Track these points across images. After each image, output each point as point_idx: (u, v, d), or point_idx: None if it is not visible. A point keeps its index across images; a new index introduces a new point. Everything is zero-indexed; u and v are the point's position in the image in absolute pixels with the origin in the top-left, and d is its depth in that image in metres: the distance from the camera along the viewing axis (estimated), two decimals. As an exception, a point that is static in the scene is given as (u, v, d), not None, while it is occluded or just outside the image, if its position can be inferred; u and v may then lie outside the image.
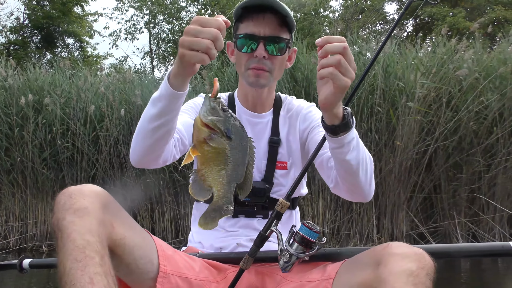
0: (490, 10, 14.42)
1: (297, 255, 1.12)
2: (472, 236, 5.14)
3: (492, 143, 5.04)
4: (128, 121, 6.33)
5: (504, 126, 4.93)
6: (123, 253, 1.12)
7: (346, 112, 1.13)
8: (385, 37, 1.26)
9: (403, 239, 5.11)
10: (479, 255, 1.29)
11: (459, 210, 5.18)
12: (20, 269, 1.66)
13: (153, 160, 1.29)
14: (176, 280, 1.23)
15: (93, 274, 0.93)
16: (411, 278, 0.94)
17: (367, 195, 1.28)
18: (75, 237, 0.97)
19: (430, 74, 4.93)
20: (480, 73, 5.13)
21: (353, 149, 1.16)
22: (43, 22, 15.29)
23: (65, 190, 1.07)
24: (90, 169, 6.34)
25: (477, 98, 4.97)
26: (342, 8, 17.55)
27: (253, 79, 1.44)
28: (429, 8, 12.85)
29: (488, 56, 5.65)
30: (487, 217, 5.05)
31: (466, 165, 5.15)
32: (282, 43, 1.44)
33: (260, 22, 1.41)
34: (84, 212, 1.01)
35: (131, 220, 1.21)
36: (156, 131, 1.20)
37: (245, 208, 1.49)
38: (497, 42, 5.84)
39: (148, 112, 1.21)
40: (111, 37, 16.06)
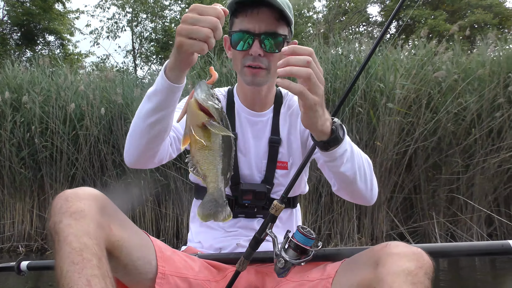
0: (471, 13, 14.67)
1: (292, 262, 1.11)
2: (451, 236, 5.21)
3: (470, 144, 5.12)
4: (109, 120, 6.26)
5: (482, 127, 5.01)
6: (121, 255, 1.11)
7: (334, 126, 1.09)
8: (376, 39, 1.23)
9: (383, 239, 5.15)
10: (479, 254, 1.29)
11: (438, 210, 5.25)
12: (18, 271, 1.65)
13: (149, 159, 1.27)
14: (175, 281, 1.22)
15: (91, 276, 0.92)
16: (410, 277, 0.94)
17: (369, 199, 1.28)
18: (71, 240, 0.96)
19: (410, 75, 4.98)
20: (459, 75, 5.20)
21: (347, 161, 1.14)
22: (23, 18, 15.02)
23: (62, 194, 1.06)
24: (70, 168, 6.24)
25: (456, 99, 5.04)
26: (326, 9, 17.67)
27: (250, 77, 1.39)
28: (411, 10, 13.00)
29: (467, 59, 5.75)
30: (465, 217, 5.13)
31: (445, 166, 5.22)
32: (279, 38, 1.36)
33: (255, 18, 1.34)
34: (80, 215, 1.01)
35: (129, 222, 1.20)
36: (152, 128, 1.19)
37: (245, 209, 1.47)
38: (477, 45, 5.92)
39: (144, 108, 1.19)
40: (92, 35, 15.88)
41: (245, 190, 1.44)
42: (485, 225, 5.24)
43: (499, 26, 14.67)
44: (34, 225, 6.26)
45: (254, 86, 1.43)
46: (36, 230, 6.24)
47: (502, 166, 5.03)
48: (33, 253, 5.92)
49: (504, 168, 5.04)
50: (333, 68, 5.61)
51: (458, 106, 5.06)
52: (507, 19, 14.86)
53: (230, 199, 1.45)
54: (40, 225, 6.29)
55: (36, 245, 6.12)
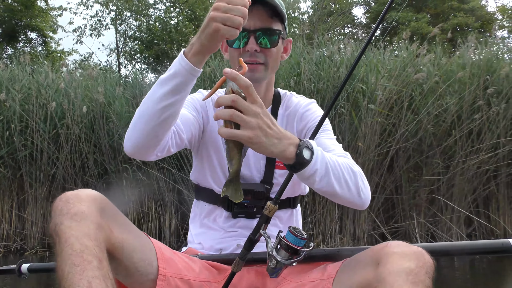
0: (453, 17, 14.88)
1: (283, 262, 1.11)
2: (431, 236, 5.27)
3: (450, 145, 5.19)
4: (91, 119, 6.19)
5: (461, 129, 5.08)
6: (121, 256, 1.12)
7: (299, 149, 1.08)
8: (365, 43, 1.24)
9: (364, 239, 5.19)
10: (479, 253, 1.28)
11: (419, 211, 5.31)
12: (19, 274, 1.66)
13: (151, 148, 1.25)
14: (176, 282, 1.22)
15: (92, 278, 0.92)
16: (411, 276, 0.94)
17: (359, 205, 1.26)
18: (72, 242, 0.97)
19: (392, 77, 5.03)
20: (440, 77, 5.27)
21: (321, 179, 1.13)
22: (4, 15, 14.77)
23: (62, 196, 1.06)
24: (50, 168, 6.16)
25: (437, 101, 5.11)
26: (311, 11, 17.75)
27: (248, 74, 1.33)
28: (394, 12, 13.13)
29: (448, 61, 5.82)
30: (445, 217, 5.19)
31: (426, 167, 5.28)
32: (274, 34, 1.40)
33: (249, 15, 1.31)
34: (81, 217, 1.01)
35: (129, 224, 1.20)
36: (164, 112, 1.18)
37: (245, 209, 1.47)
38: (458, 48, 6.01)
39: (158, 92, 1.19)
40: (75, 32, 15.68)
41: (244, 190, 1.41)
42: (464, 226, 5.32)
43: (480, 30, 14.90)
44: (13, 225, 6.16)
45: (254, 83, 1.41)
46: (15, 230, 6.15)
47: (481, 167, 5.11)
48: (11, 254, 5.82)
49: (483, 169, 5.12)
50: (317, 69, 5.64)
51: (439, 107, 5.13)
52: (488, 23, 15.10)
53: (229, 198, 1.45)
54: (20, 225, 6.20)
55: (15, 245, 6.03)
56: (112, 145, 6.10)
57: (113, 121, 5.96)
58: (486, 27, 15.04)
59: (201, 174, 1.53)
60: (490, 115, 5.00)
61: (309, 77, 5.46)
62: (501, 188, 5.27)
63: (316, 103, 1.59)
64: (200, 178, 1.54)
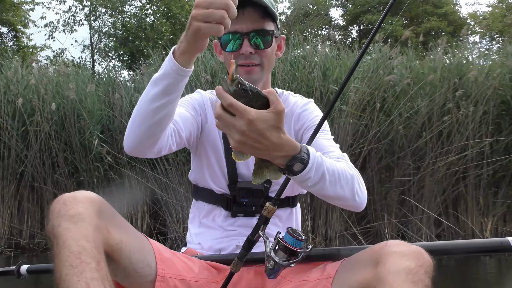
0: (427, 21, 15.17)
1: (281, 263, 1.11)
2: (402, 236, 5.34)
3: (421, 147, 5.27)
4: (61, 116, 6.06)
5: (432, 130, 5.17)
6: (120, 258, 1.11)
7: (290, 163, 1.05)
8: (363, 48, 1.24)
9: (336, 239, 5.23)
10: (478, 252, 1.28)
11: (390, 211, 5.38)
12: (18, 275, 1.66)
13: (149, 147, 1.25)
14: (175, 283, 1.22)
15: (90, 279, 0.92)
16: (410, 276, 0.94)
17: (355, 207, 1.26)
18: (70, 244, 0.97)
19: (365, 78, 5.08)
20: (412, 80, 5.35)
21: (314, 185, 1.12)
22: (-27, 9, 14.35)
23: (59, 198, 1.06)
24: (18, 165, 6.02)
25: (408, 103, 5.18)
26: (288, 11, 17.82)
27: (245, 76, 1.39)
28: (370, 15, 13.30)
29: (420, 64, 5.92)
30: (415, 218, 5.27)
31: (397, 168, 5.35)
32: (267, 35, 1.40)
33: (241, 18, 1.35)
34: (78, 219, 1.01)
35: (127, 225, 1.19)
36: (157, 112, 1.18)
37: (244, 208, 1.47)
38: (430, 51, 6.11)
39: (150, 92, 1.18)
40: (47, 28, 15.32)
41: (242, 189, 1.45)
42: (434, 226, 5.41)
43: (453, 34, 15.24)
44: (-21, 224, 6.00)
45: None
46: (-18, 229, 5.98)
47: (451, 168, 5.21)
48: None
49: (452, 170, 5.22)
50: (292, 69, 5.65)
51: (410, 109, 5.20)
52: (460, 28, 15.44)
53: (228, 198, 1.47)
54: (-15, 224, 6.03)
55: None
56: (83, 143, 5.98)
57: (85, 119, 5.85)
58: (458, 31, 15.38)
59: (200, 174, 1.53)
60: (459, 117, 5.10)
61: (283, 77, 5.47)
62: (469, 189, 5.38)
63: (314, 103, 1.58)
64: (198, 178, 1.54)
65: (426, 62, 5.92)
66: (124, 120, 5.90)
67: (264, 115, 0.95)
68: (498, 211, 5.37)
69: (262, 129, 0.95)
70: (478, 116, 5.16)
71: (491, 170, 5.24)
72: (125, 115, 5.94)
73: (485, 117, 5.23)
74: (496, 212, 5.37)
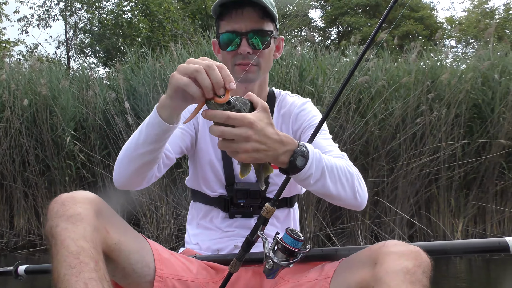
0: (403, 24, 15.40)
1: (280, 264, 1.11)
2: (375, 237, 5.39)
3: (395, 148, 5.32)
4: (33, 112, 5.92)
5: (405, 131, 5.23)
6: (118, 258, 1.12)
7: (292, 157, 1.06)
8: (361, 51, 1.22)
9: (310, 240, 5.24)
10: (476, 252, 1.30)
11: (364, 212, 5.41)
12: (15, 276, 1.66)
13: (138, 183, 1.30)
14: (173, 283, 1.23)
15: (88, 279, 0.93)
16: (408, 276, 0.94)
17: (356, 206, 1.26)
18: (68, 244, 0.97)
19: (341, 79, 5.10)
20: (387, 82, 5.40)
21: (316, 182, 1.13)
22: None
23: (58, 198, 1.07)
24: (-13, 163, 5.84)
25: (381, 104, 5.23)
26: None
27: (241, 75, 1.39)
28: (348, 17, 13.42)
29: (396, 66, 5.99)
30: (388, 219, 5.32)
31: (371, 169, 5.39)
32: (266, 35, 1.40)
33: (240, 18, 1.37)
34: (77, 219, 1.01)
35: (126, 225, 1.21)
36: (143, 158, 1.20)
37: (241, 209, 1.48)
38: (406, 54, 6.19)
39: (135, 138, 1.20)
40: (21, 22, 14.97)
41: (239, 190, 1.45)
42: (407, 227, 5.47)
43: (429, 37, 15.50)
44: None
45: (247, 84, 1.43)
46: None
47: (423, 170, 5.28)
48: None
49: (425, 172, 5.29)
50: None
51: (385, 111, 5.25)
52: (436, 31, 15.72)
53: (225, 199, 1.48)
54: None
55: None
56: (56, 140, 5.86)
57: (58, 116, 5.73)
58: (434, 35, 15.66)
59: (195, 180, 1.55)
60: (432, 119, 5.17)
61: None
62: (441, 191, 5.46)
63: (311, 102, 1.58)
64: (194, 184, 1.56)
65: (401, 64, 5.99)
66: (98, 118, 5.80)
67: (258, 115, 0.97)
68: (469, 213, 5.46)
69: (262, 128, 0.97)
70: (450, 119, 5.24)
71: (463, 172, 5.33)
72: (99, 113, 5.84)
73: (457, 120, 5.31)
74: (467, 213, 5.46)
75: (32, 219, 6.13)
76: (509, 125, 5.17)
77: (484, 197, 5.46)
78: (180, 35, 10.66)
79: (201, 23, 13.43)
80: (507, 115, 5.17)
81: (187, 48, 6.51)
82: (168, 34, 12.72)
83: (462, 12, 18.39)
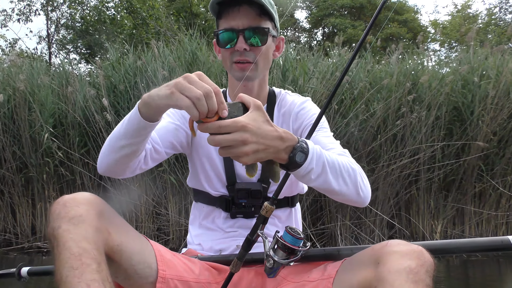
0: (388, 27, 15.54)
1: (280, 262, 1.13)
2: (355, 238, 5.40)
3: (376, 149, 5.35)
4: (11, 108, 5.80)
5: (386, 132, 5.26)
6: (120, 259, 1.12)
7: (292, 153, 1.07)
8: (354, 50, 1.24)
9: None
10: (479, 251, 1.29)
11: (344, 213, 5.42)
12: (18, 278, 1.68)
13: (120, 172, 1.32)
14: (176, 284, 1.23)
15: (90, 281, 0.93)
16: (411, 275, 0.94)
17: (359, 203, 1.26)
18: (71, 245, 0.98)
19: (324, 79, 5.11)
20: (370, 83, 5.42)
21: (317, 178, 1.13)
22: None
23: (60, 199, 1.07)
24: (-39, 160, 5.71)
25: (362, 105, 5.25)
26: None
27: (239, 73, 1.42)
28: (333, 18, 13.48)
29: (379, 68, 6.02)
30: (368, 220, 5.35)
31: (352, 170, 5.40)
32: (263, 32, 1.41)
33: (237, 15, 1.39)
34: (79, 220, 1.02)
35: (128, 226, 1.21)
36: (122, 149, 1.22)
37: (243, 209, 1.48)
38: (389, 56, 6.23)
39: (118, 129, 1.22)
40: (0, 16, 14.68)
41: (240, 190, 1.46)
42: (387, 228, 5.51)
43: (413, 40, 15.67)
44: None
45: (245, 82, 1.44)
46: None
47: (403, 171, 5.31)
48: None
49: (405, 173, 5.32)
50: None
51: (366, 112, 5.27)
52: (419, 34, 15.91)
53: (227, 199, 1.49)
54: None
55: None
56: (34, 137, 5.75)
57: (36, 112, 5.62)
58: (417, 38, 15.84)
59: (196, 180, 1.55)
60: (412, 121, 5.20)
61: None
62: (421, 192, 5.50)
63: (311, 101, 1.58)
64: (195, 184, 1.56)
65: (383, 66, 6.03)
66: (78, 115, 5.71)
67: (251, 116, 0.98)
68: (448, 214, 5.52)
69: (258, 128, 0.97)
70: (430, 121, 5.28)
71: (442, 174, 5.38)
72: (79, 110, 5.74)
73: (437, 122, 5.36)
74: (446, 215, 5.51)
75: (8, 218, 6.02)
76: (488, 128, 5.23)
77: (462, 199, 5.52)
78: (163, 33, 10.57)
79: (185, 21, 13.32)
80: (485, 118, 5.23)
81: (170, 46, 6.45)
82: (152, 32, 12.61)
83: (446, 16, 18.61)
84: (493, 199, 5.48)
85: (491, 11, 18.38)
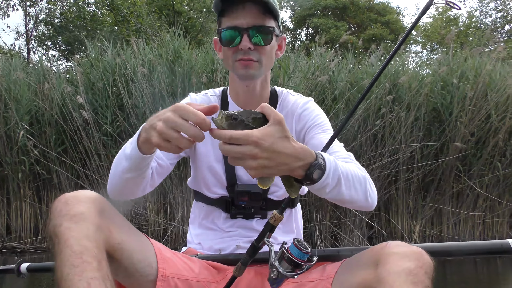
0: (370, 28, 15.67)
1: (285, 274, 1.11)
2: (335, 238, 5.41)
3: (356, 149, 5.36)
4: (-15, 105, 5.66)
5: (366, 132, 5.28)
6: (121, 257, 1.12)
7: (309, 171, 1.02)
8: (397, 44, 1.23)
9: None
10: (479, 254, 1.29)
11: (324, 213, 5.43)
12: (18, 274, 1.69)
13: (130, 195, 1.35)
14: (176, 282, 1.23)
15: (91, 279, 0.93)
16: (410, 277, 0.94)
17: (367, 208, 1.26)
18: (72, 243, 0.97)
19: (305, 79, 5.10)
20: (351, 83, 5.44)
21: (331, 191, 1.11)
22: None
23: (61, 197, 1.07)
24: None
25: (342, 105, 5.26)
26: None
27: (242, 70, 1.39)
28: (316, 19, 13.52)
29: (360, 69, 6.05)
30: (348, 220, 5.36)
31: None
32: (267, 31, 1.38)
33: (241, 13, 1.35)
34: (80, 218, 1.02)
35: (129, 225, 1.20)
36: (128, 180, 1.26)
37: (242, 210, 1.48)
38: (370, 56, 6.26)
39: (121, 163, 1.24)
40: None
41: (240, 191, 1.46)
42: (366, 228, 5.53)
43: (395, 41, 15.83)
44: None
45: (248, 80, 1.43)
46: None
47: (383, 171, 5.34)
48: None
49: (385, 173, 5.35)
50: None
51: (347, 111, 5.28)
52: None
53: (226, 200, 1.49)
54: None
55: None
56: (9, 134, 5.62)
57: (12, 108, 5.49)
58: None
59: (196, 182, 1.55)
60: (392, 121, 5.23)
61: (224, 75, 5.40)
62: (400, 192, 5.54)
63: (313, 101, 1.56)
64: (196, 186, 1.57)
65: (364, 67, 6.05)
66: (55, 112, 5.60)
67: (267, 131, 0.93)
68: (426, 214, 5.56)
69: (271, 144, 0.93)
70: (410, 122, 5.32)
71: (421, 174, 5.42)
72: (56, 107, 5.63)
73: (417, 122, 5.40)
74: (424, 215, 5.56)
75: (-18, 216, 5.87)
76: (466, 129, 5.29)
77: (441, 199, 5.58)
78: (144, 30, 10.45)
79: (168, 19, 13.21)
80: (464, 119, 5.29)
81: (150, 43, 6.37)
82: (133, 29, 12.47)
83: (428, 18, 18.86)
84: (470, 200, 5.55)
85: (472, 14, 18.67)
